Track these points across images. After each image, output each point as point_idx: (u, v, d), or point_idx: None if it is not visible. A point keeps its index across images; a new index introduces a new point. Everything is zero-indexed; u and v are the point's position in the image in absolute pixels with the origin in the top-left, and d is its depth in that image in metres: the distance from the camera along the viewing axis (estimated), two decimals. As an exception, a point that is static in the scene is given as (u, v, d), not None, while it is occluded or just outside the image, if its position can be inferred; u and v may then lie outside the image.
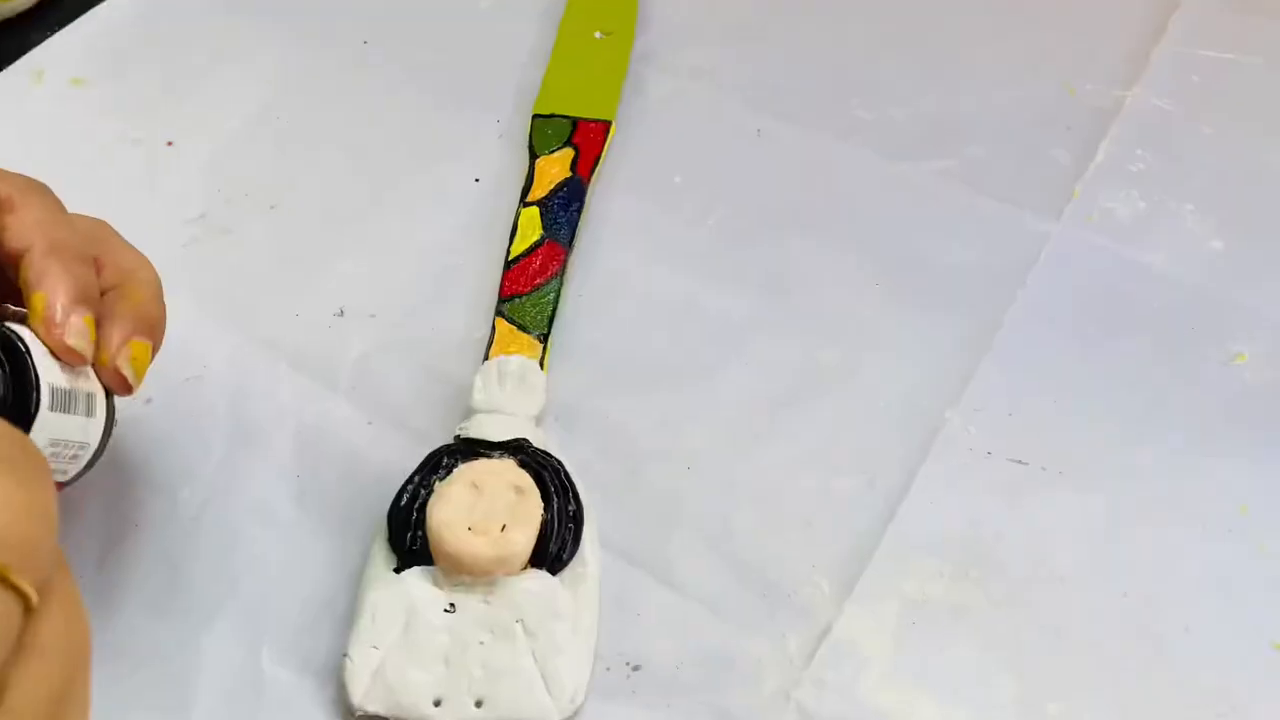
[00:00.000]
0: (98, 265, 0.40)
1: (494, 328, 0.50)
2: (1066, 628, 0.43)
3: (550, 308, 0.51)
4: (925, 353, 0.50)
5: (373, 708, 0.40)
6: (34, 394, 0.35)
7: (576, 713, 0.41)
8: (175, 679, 0.42)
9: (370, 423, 0.48)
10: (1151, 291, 0.51)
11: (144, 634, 0.43)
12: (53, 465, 0.37)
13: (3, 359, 0.35)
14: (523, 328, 0.50)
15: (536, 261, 0.53)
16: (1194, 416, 0.48)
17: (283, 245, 0.55)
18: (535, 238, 0.54)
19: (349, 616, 0.43)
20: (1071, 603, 0.43)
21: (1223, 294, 0.51)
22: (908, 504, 0.45)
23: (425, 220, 0.56)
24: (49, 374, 0.36)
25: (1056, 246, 0.54)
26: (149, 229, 0.44)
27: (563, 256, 0.53)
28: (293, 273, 0.53)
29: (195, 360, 0.50)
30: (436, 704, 0.40)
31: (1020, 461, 0.47)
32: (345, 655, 0.41)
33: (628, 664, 0.42)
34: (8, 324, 0.36)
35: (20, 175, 0.39)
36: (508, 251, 0.53)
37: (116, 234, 0.43)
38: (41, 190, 0.39)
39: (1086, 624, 0.43)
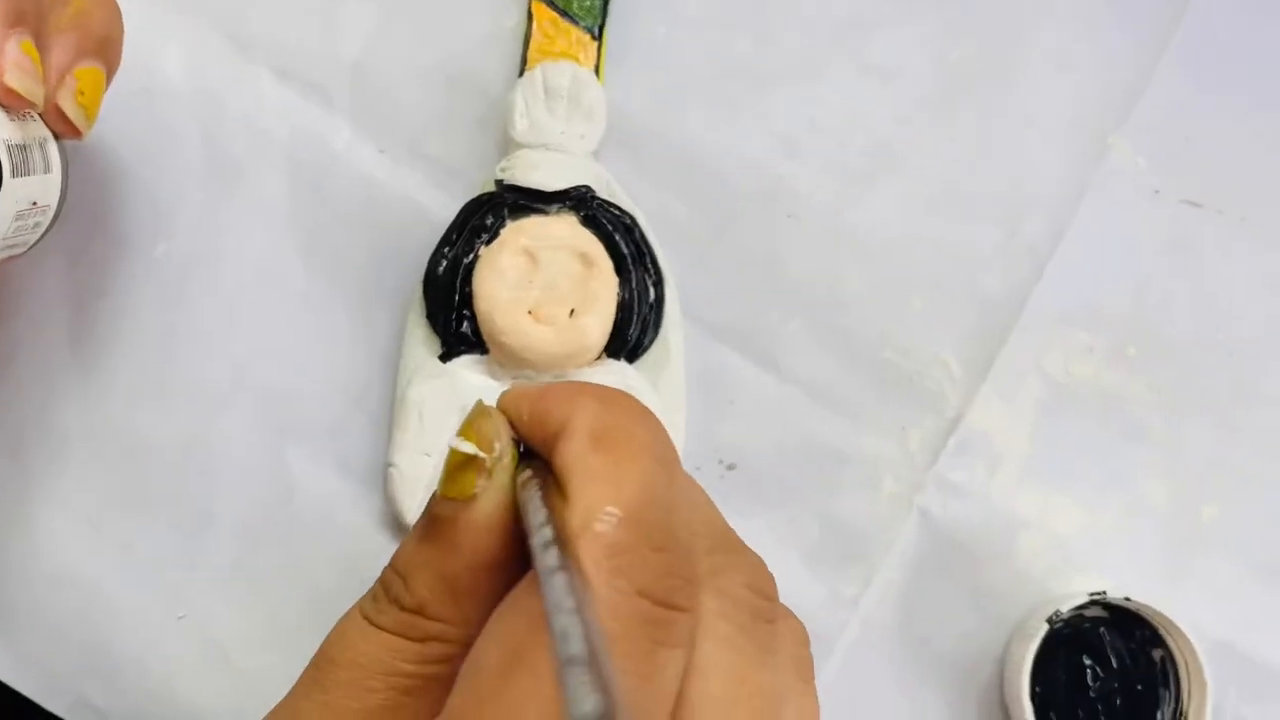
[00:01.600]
0: None
1: (530, 14, 0.38)
2: (1232, 415, 0.36)
3: (604, -14, 0.39)
4: (1087, 53, 0.38)
5: (430, 526, 0.35)
6: None
7: (665, 522, 0.35)
8: (190, 481, 0.36)
9: (382, 151, 0.38)
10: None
11: (142, 432, 0.36)
12: (15, 240, 0.28)
13: None
14: (568, 15, 0.38)
15: (580, -87, 0.39)
16: None
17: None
18: (576, -126, 0.40)
19: (386, 410, 0.36)
20: (1241, 384, 0.37)
21: None
22: (1057, 260, 0.37)
23: None
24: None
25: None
26: None
27: (614, -95, 0.39)
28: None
29: (143, 60, 0.38)
30: (505, 521, 0.35)
31: (1194, 203, 0.38)
32: (391, 464, 0.35)
33: (721, 462, 0.36)
34: None
35: None
36: (540, -104, 0.40)
37: None
38: None
39: (1255, 410, 0.36)
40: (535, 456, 0.22)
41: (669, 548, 0.20)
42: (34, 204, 0.28)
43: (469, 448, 0.22)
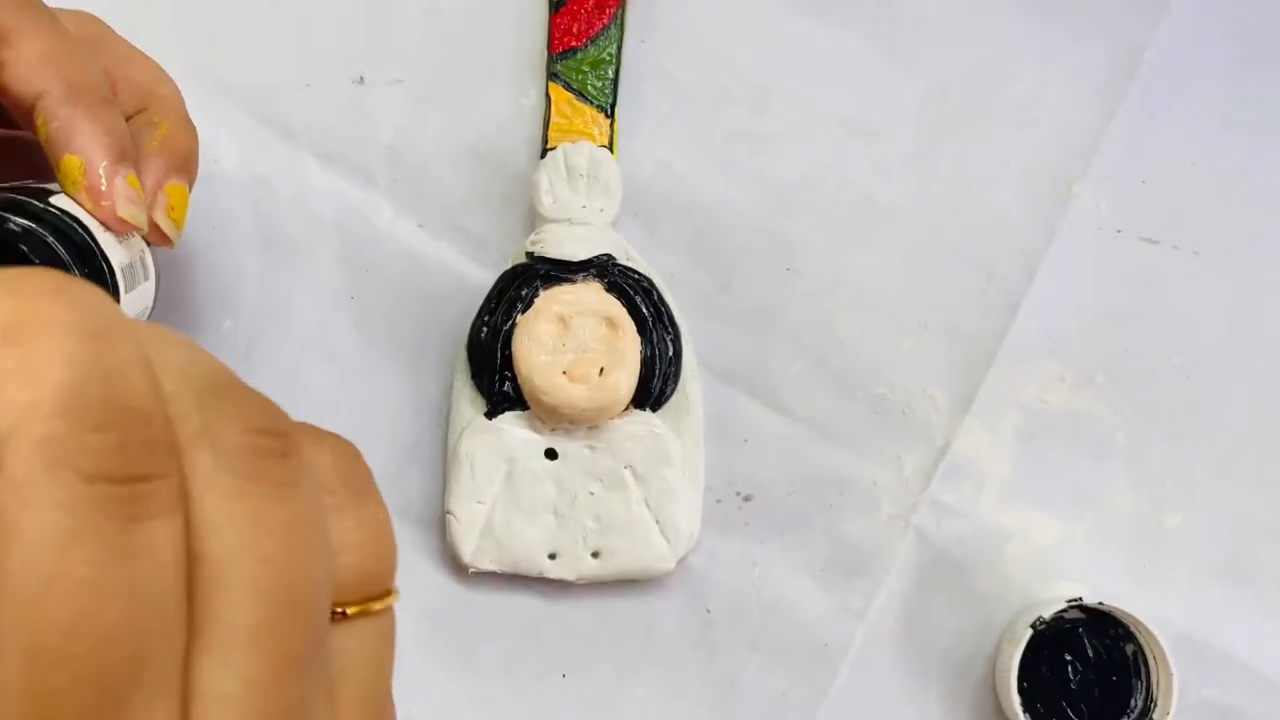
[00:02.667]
0: (110, 84, 0.32)
1: (548, 96, 0.42)
2: (1190, 433, 0.41)
3: (613, 67, 0.43)
4: (1050, 109, 0.43)
5: (486, 565, 0.39)
6: (109, 286, 0.31)
7: (691, 551, 0.40)
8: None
9: (421, 225, 0.42)
10: (1318, 13, 0.44)
11: (222, 488, 0.41)
12: None
13: (69, 253, 0.29)
14: (583, 96, 0.42)
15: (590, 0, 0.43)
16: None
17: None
18: (582, -36, 0.44)
19: (438, 460, 0.41)
20: (1197, 404, 0.41)
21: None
22: (1030, 298, 0.42)
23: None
24: (113, 253, 0.31)
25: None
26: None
27: (619, -10, 0.44)
28: (291, 23, 0.44)
29: (201, 152, 0.42)
30: (551, 558, 0.39)
31: (1152, 241, 0.42)
32: (448, 512, 0.39)
33: (739, 494, 0.41)
34: (55, 203, 0.30)
35: None
36: (551, -14, 0.44)
37: (113, 31, 0.35)
38: (33, 5, 0.31)
39: (1210, 427, 0.41)
40: None
41: (115, 423, 0.18)
42: (139, 311, 0.33)
43: None
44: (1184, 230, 0.42)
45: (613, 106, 0.42)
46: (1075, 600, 0.38)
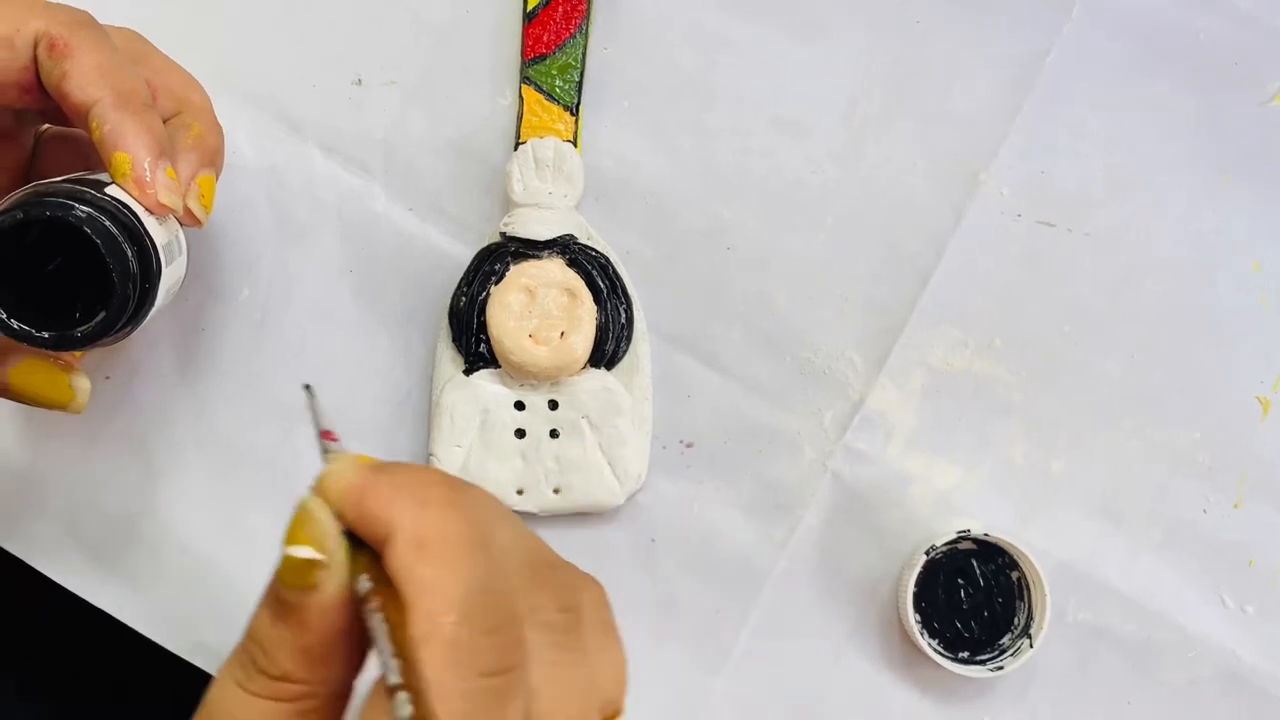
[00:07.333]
0: (151, 92, 0.39)
1: (521, 97, 0.49)
2: (1074, 391, 0.47)
3: (578, 71, 0.49)
4: (960, 107, 0.49)
5: (462, 499, 0.46)
6: (154, 260, 0.37)
7: (639, 489, 0.47)
8: (278, 473, 0.47)
9: (410, 209, 0.49)
10: (1201, 21, 0.49)
11: (239, 435, 0.48)
12: (161, 306, 0.39)
13: (122, 234, 0.35)
14: (551, 96, 0.49)
15: (558, 12, 0.50)
16: (1222, 164, 0.48)
17: (279, -6, 0.51)
18: (552, -20, 0.50)
19: (426, 413, 0.47)
20: (1082, 367, 0.47)
21: (1275, 21, 0.49)
22: (938, 274, 0.48)
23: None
24: (155, 233, 0.37)
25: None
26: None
27: (585, 2, 0.50)
28: (297, 31, 0.50)
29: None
30: (519, 493, 0.46)
31: (1048, 224, 0.48)
32: (431, 454, 0.46)
33: (681, 442, 0.47)
34: (109, 192, 0.36)
35: (63, 8, 0.37)
36: (524, 1, 0.50)
37: (153, 46, 0.41)
38: (90, 25, 0.37)
39: (1093, 386, 0.47)
40: (364, 545, 0.25)
41: (497, 626, 0.23)
42: (175, 281, 0.39)
43: (307, 553, 0.25)
44: (1077, 215, 0.48)
45: (577, 105, 0.49)
46: (964, 532, 0.44)
